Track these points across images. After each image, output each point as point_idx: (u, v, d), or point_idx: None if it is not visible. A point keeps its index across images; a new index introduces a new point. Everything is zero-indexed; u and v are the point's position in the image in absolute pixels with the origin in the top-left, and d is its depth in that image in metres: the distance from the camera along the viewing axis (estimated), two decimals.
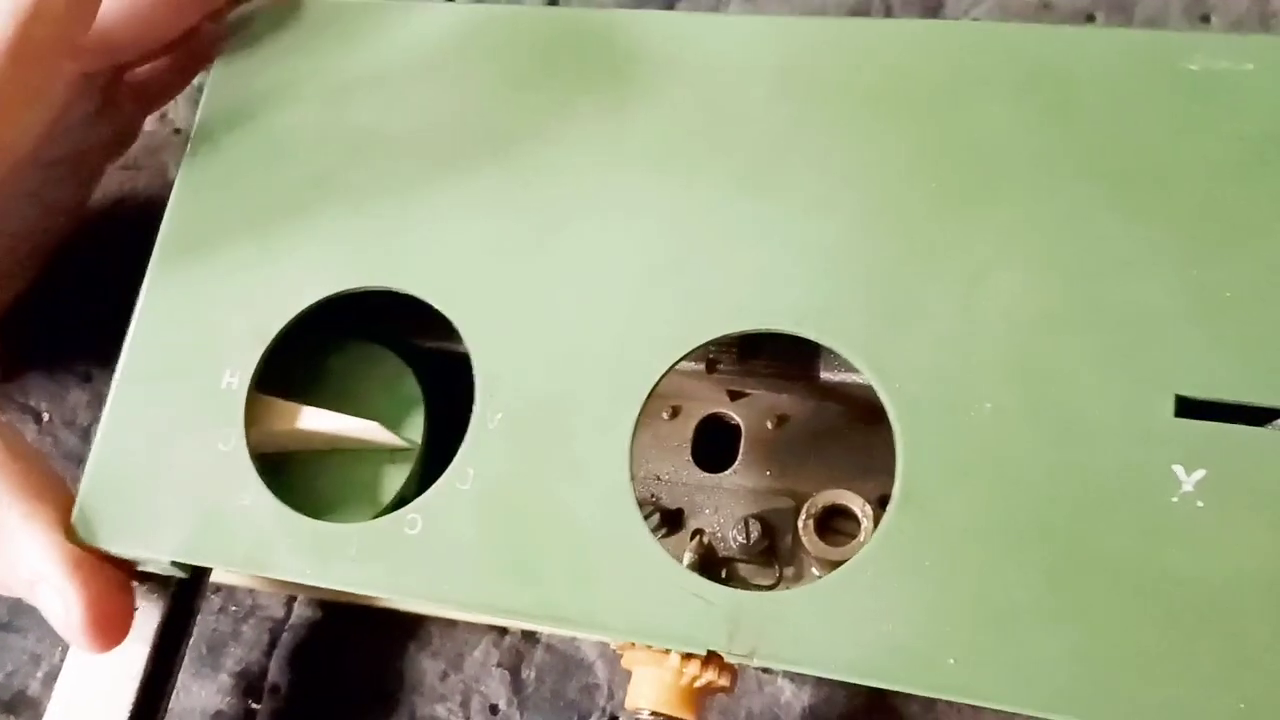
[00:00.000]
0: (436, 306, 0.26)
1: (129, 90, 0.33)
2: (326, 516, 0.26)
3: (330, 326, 0.30)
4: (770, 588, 0.28)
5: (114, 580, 0.27)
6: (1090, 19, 0.34)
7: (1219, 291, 0.22)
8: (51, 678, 0.31)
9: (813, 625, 0.22)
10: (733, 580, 0.28)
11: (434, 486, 0.25)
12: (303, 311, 0.27)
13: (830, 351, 0.24)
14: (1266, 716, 0.20)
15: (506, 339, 0.26)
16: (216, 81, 0.31)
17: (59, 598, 0.26)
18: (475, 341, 0.26)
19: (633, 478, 0.24)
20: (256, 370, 0.27)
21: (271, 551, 0.26)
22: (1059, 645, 0.21)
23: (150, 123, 0.41)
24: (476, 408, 0.25)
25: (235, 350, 0.27)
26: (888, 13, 0.36)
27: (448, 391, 0.28)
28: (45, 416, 0.37)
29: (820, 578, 0.23)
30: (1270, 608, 0.20)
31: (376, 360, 0.29)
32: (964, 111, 0.25)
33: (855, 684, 0.23)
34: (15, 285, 0.36)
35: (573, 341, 0.25)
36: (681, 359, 0.25)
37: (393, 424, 0.28)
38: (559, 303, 0.26)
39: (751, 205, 0.25)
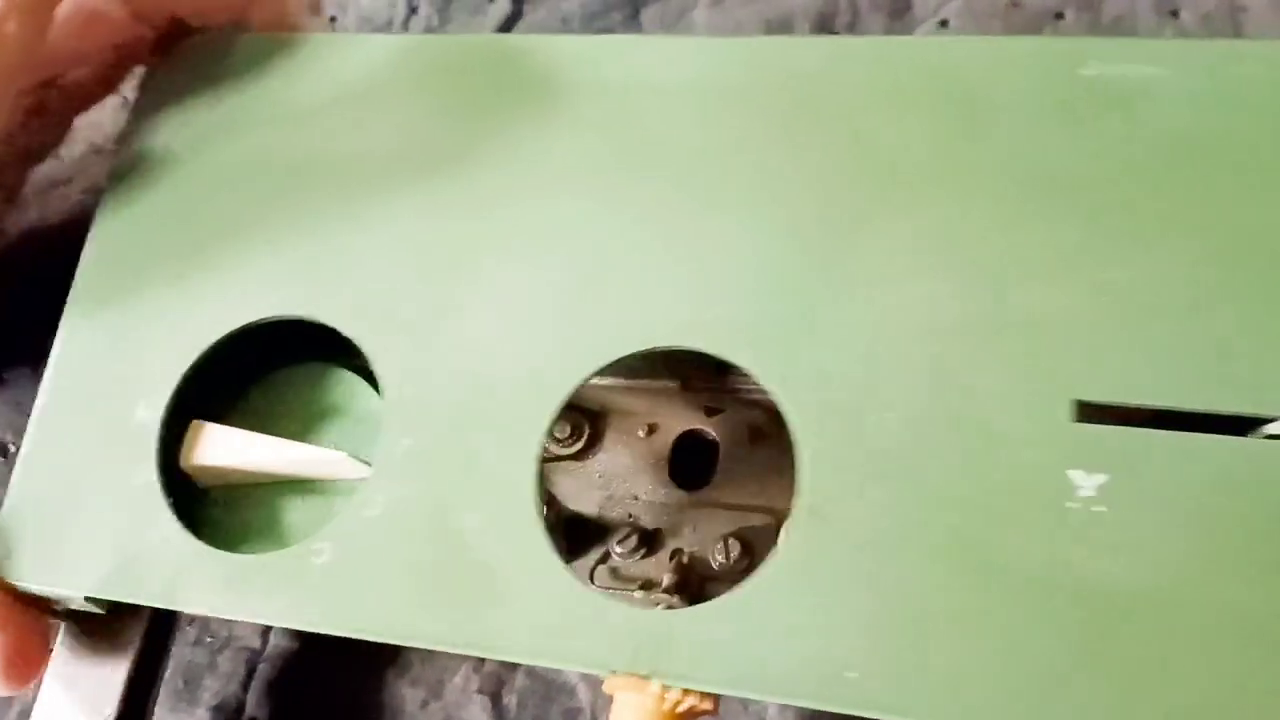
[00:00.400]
0: (344, 332, 0.26)
1: (57, 95, 0.33)
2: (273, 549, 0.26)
3: (302, 353, 0.29)
4: None
5: (28, 624, 0.27)
6: (1059, 17, 0.34)
7: (1119, 295, 0.22)
8: (25, 714, 0.30)
9: (712, 642, 0.22)
10: None
11: (342, 514, 0.25)
12: (216, 344, 0.27)
13: None
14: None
15: (415, 363, 0.26)
16: (140, 112, 0.31)
17: None
18: (383, 366, 0.26)
19: (540, 498, 0.24)
20: (170, 405, 0.27)
21: (184, 585, 0.26)
22: (960, 655, 0.21)
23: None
24: (384, 433, 0.25)
25: (149, 384, 0.27)
26: (855, 14, 0.35)
27: None
28: (12, 448, 0.37)
29: None
30: (1173, 613, 0.20)
31: (345, 387, 0.29)
32: (871, 126, 0.25)
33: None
34: None
35: (480, 365, 0.25)
36: (588, 379, 0.25)
37: (361, 452, 0.27)
38: (468, 327, 0.26)
39: (661, 226, 0.26)
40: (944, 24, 0.35)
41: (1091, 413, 0.22)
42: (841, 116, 0.25)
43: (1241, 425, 0.21)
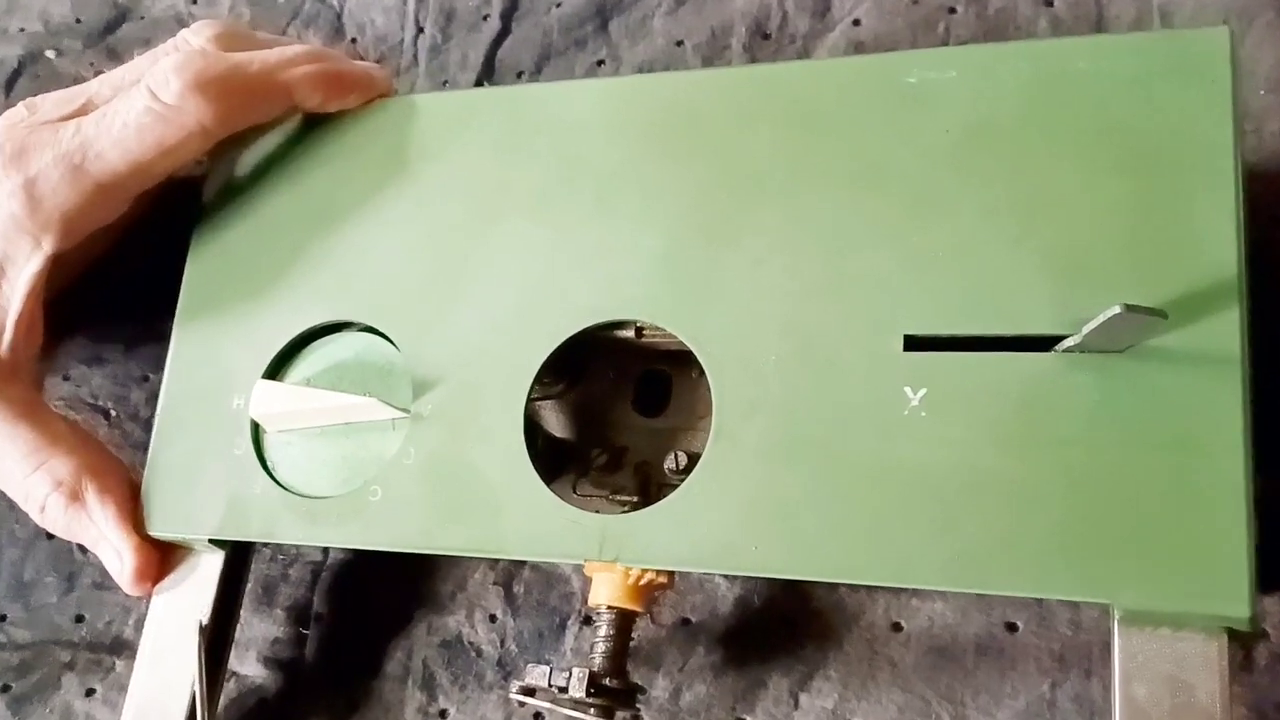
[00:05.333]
0: (378, 327, 0.35)
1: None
2: (338, 490, 0.34)
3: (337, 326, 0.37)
4: None
5: (150, 551, 0.37)
6: (952, 11, 0.40)
7: (932, 252, 0.29)
8: (140, 623, 0.38)
9: (657, 533, 0.30)
10: None
11: (388, 464, 0.33)
12: (284, 346, 0.36)
13: None
14: (971, 563, 0.27)
15: (430, 347, 0.34)
16: (214, 173, 0.39)
17: (115, 554, 0.36)
18: (407, 351, 0.34)
19: (526, 439, 0.32)
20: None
21: (277, 525, 0.34)
22: (825, 526, 0.28)
23: None
24: (413, 401, 0.34)
25: (239, 380, 0.36)
26: (784, 16, 0.42)
27: None
28: (113, 414, 0.45)
29: None
30: (970, 483, 0.28)
31: (370, 346, 0.36)
32: (743, 138, 0.33)
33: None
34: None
35: (476, 346, 0.33)
36: (555, 350, 0.32)
37: (389, 397, 0.35)
38: (466, 317, 0.34)
39: (596, 229, 0.33)
40: (857, 23, 0.41)
41: (917, 343, 0.29)
42: (717, 134, 0.33)
43: (1047, 343, 0.28)
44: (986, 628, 0.32)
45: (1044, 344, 0.28)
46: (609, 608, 0.32)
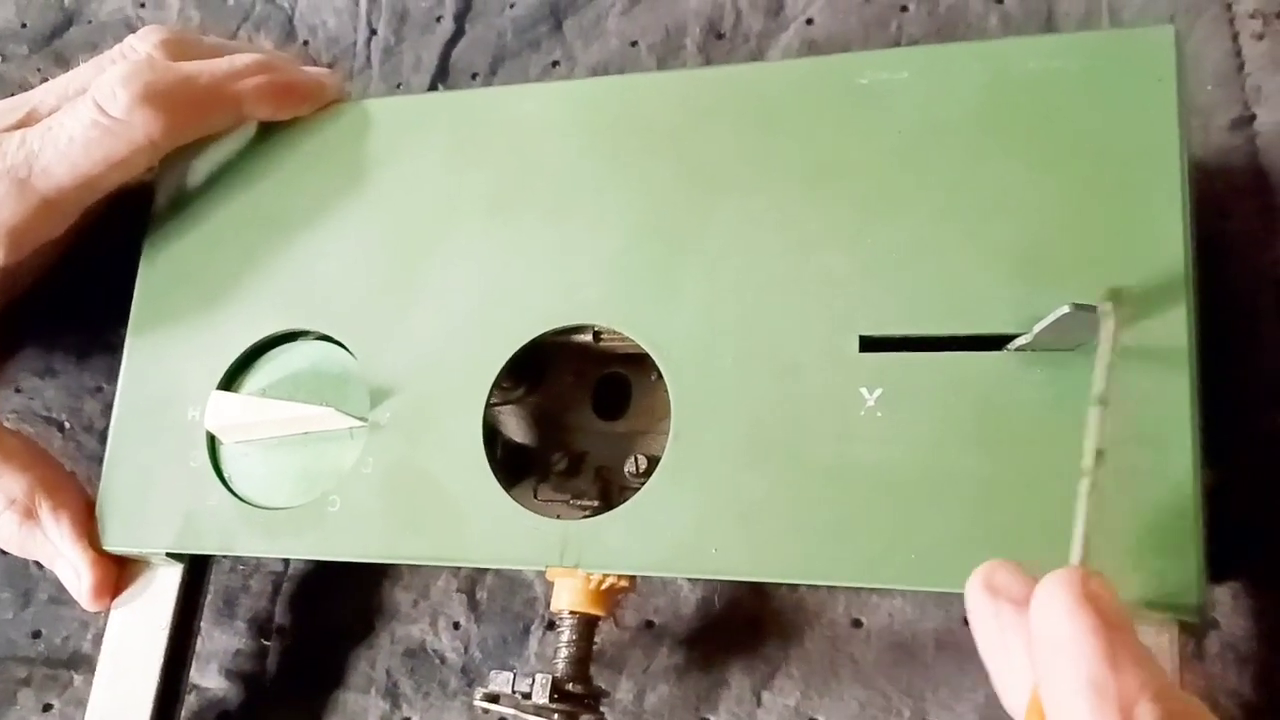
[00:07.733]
0: (334, 336, 0.35)
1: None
2: (296, 500, 0.34)
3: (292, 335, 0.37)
4: None
5: (107, 565, 0.36)
6: (904, 9, 0.40)
7: (886, 253, 0.30)
8: (99, 638, 0.38)
9: (617, 538, 0.30)
10: None
11: (346, 473, 0.33)
12: (239, 357, 0.36)
13: None
14: (930, 562, 0.27)
15: (386, 355, 0.34)
16: (165, 181, 0.39)
17: (73, 571, 0.36)
18: (363, 359, 0.34)
19: (486, 446, 0.32)
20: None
21: (235, 538, 0.34)
22: (785, 527, 0.29)
23: None
24: (370, 410, 0.33)
25: (194, 391, 0.35)
26: (738, 15, 0.42)
27: None
28: (67, 426, 0.44)
29: None
30: (927, 482, 0.28)
31: (326, 354, 0.36)
32: (697, 140, 0.33)
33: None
34: None
35: (433, 353, 0.33)
36: (513, 355, 0.32)
37: (346, 405, 0.35)
38: (422, 324, 0.34)
39: (552, 233, 0.33)
40: (810, 22, 0.41)
41: (872, 343, 0.29)
42: (675, 135, 0.33)
43: (1000, 342, 0.29)
44: (945, 623, 0.33)
45: (996, 343, 0.28)
46: (571, 613, 0.32)
